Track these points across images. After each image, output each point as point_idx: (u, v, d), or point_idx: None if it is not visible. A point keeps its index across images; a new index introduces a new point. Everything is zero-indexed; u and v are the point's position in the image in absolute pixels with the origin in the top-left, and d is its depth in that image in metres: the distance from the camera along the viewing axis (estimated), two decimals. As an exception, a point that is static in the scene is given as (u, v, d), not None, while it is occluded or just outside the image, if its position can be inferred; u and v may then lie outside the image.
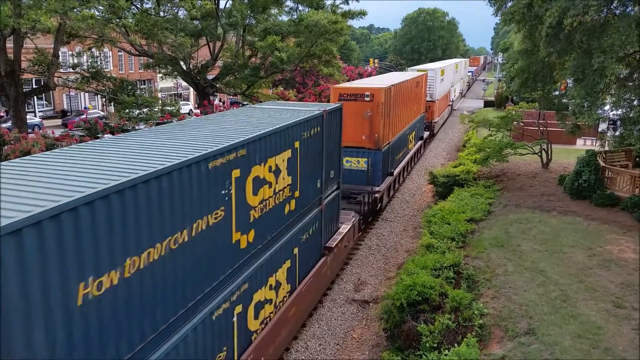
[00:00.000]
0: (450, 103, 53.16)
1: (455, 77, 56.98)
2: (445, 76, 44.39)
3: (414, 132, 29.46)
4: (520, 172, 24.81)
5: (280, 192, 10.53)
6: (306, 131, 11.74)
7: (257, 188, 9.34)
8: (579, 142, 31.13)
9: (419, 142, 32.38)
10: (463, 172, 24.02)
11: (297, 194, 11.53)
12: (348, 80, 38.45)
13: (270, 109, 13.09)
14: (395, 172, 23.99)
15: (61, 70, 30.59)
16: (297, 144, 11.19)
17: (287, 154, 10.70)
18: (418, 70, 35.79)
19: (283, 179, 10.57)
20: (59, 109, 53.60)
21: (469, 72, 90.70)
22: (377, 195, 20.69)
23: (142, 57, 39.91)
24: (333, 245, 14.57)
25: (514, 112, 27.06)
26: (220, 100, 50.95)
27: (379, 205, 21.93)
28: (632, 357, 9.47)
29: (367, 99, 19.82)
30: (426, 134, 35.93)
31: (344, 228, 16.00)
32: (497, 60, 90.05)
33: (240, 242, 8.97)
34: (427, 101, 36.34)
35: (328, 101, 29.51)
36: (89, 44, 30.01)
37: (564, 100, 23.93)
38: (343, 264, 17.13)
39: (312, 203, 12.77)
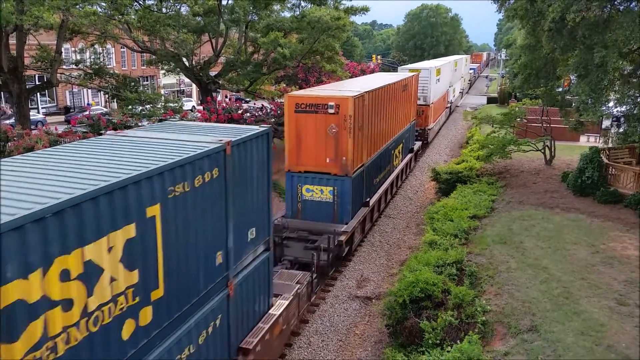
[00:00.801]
0: (449, 105, 48.07)
1: (455, 75, 51.77)
2: (442, 76, 39.49)
3: (400, 145, 25.21)
4: (523, 168, 24.76)
5: (107, 307, 5.99)
6: (183, 182, 7.21)
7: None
8: (583, 139, 31.04)
9: (408, 156, 27.68)
10: (466, 168, 24.00)
11: (158, 293, 6.93)
12: (351, 77, 38.17)
13: (132, 142, 8.21)
14: (373, 199, 19.65)
15: (64, 67, 30.63)
16: (155, 209, 6.66)
17: (125, 233, 6.17)
18: (410, 70, 31.59)
19: (113, 280, 6.05)
20: (62, 106, 53.66)
21: (471, 69, 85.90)
22: (342, 237, 16.03)
23: (144, 54, 39.90)
24: (252, 345, 9.59)
25: (517, 108, 27.03)
26: (226, 97, 50.91)
27: (347, 248, 17.02)
28: (635, 354, 9.46)
29: (330, 110, 15.99)
30: (417, 144, 31.22)
31: (281, 305, 11.21)
32: (501, 56, 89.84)
33: None
34: (420, 105, 32.58)
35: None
36: (91, 40, 29.99)
37: (568, 97, 23.88)
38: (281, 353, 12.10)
39: (204, 293, 8.11)
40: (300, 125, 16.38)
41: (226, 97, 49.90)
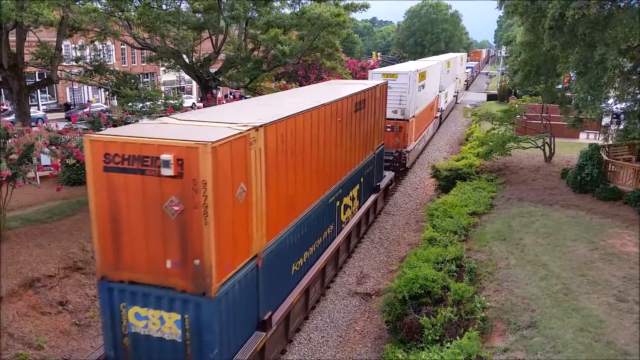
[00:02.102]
0: (439, 114, 39.98)
1: (447, 78, 43.61)
2: (428, 80, 31.21)
3: (356, 188, 17.67)
4: (523, 165, 24.79)
5: None
6: None
7: None
8: (582, 135, 31.06)
9: (372, 198, 19.86)
10: (466, 165, 24.04)
11: None
12: (351, 75, 37.88)
13: None
14: (286, 306, 11.56)
15: (64, 64, 30.57)
16: None
17: None
18: (384, 75, 25.04)
19: None
20: (62, 102, 53.69)
21: (468, 68, 75.84)
22: None
23: (144, 51, 39.90)
24: None
25: (517, 105, 27.04)
26: (230, 94, 50.83)
27: None
28: (634, 350, 9.51)
29: (166, 170, 8.06)
30: (388, 176, 22.97)
31: None
32: (501, 53, 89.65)
33: None
34: (397, 120, 25.83)
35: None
36: (91, 37, 29.97)
37: (568, 94, 23.89)
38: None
39: None
40: (117, 196, 8.63)
41: (231, 94, 49.89)
